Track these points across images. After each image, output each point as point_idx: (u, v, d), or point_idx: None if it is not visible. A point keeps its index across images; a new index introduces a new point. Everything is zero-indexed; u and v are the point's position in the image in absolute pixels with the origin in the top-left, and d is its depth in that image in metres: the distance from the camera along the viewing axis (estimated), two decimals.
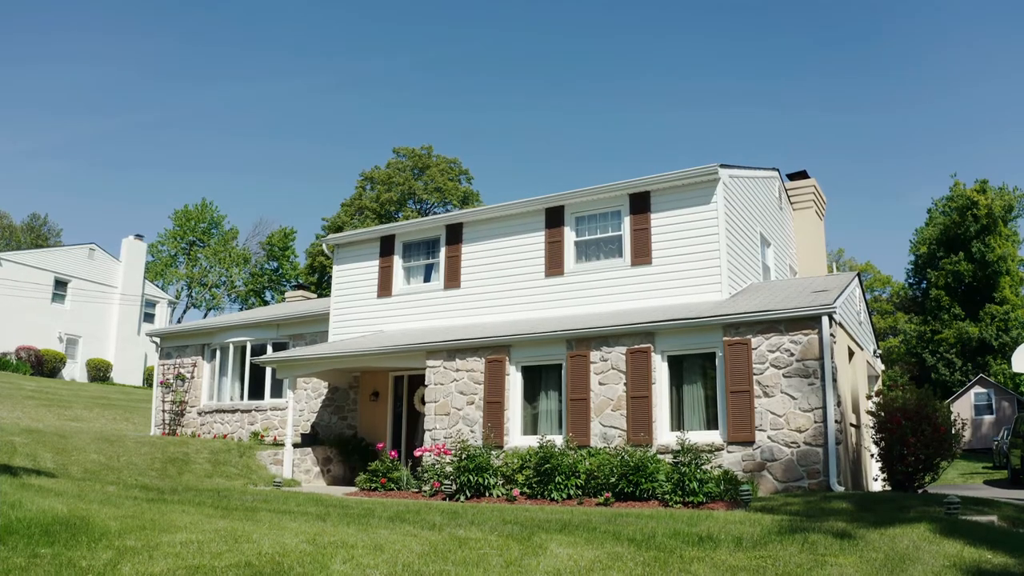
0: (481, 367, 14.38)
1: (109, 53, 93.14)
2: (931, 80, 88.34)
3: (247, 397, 20.64)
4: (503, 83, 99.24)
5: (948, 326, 46.80)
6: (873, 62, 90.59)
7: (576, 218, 16.08)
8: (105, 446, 15.36)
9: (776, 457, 11.64)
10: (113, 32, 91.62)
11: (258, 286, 67.75)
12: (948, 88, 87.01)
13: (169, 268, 64.28)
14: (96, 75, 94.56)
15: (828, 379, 11.46)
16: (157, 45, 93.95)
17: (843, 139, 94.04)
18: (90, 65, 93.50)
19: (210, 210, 66.47)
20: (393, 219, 50.53)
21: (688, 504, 10.68)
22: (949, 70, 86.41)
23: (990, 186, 47.91)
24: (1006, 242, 46.69)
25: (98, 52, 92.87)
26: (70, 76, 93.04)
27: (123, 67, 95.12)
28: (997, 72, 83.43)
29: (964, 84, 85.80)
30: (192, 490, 11.33)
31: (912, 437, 11.95)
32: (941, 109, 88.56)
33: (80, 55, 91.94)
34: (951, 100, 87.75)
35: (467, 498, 12.27)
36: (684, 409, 12.85)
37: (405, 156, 51.87)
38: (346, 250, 19.09)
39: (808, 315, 11.69)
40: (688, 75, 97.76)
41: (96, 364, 40.06)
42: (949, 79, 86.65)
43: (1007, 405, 38.40)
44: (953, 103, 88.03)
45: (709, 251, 14.38)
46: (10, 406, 25.86)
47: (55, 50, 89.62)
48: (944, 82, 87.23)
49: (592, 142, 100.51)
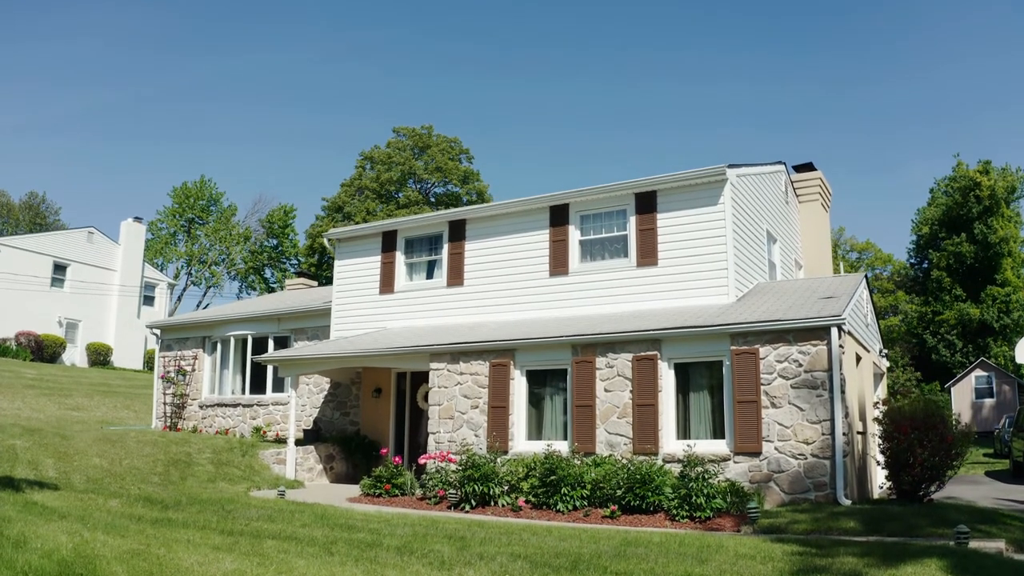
0: (485, 370, 14.28)
1: (105, 25, 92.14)
2: (926, 52, 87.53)
3: (249, 391, 20.57)
4: (504, 61, 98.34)
5: (949, 307, 46.76)
6: (868, 35, 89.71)
7: (581, 216, 15.89)
8: (107, 447, 15.29)
9: (783, 469, 11.57)
10: (110, 3, 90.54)
11: (258, 264, 67.58)
12: (945, 60, 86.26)
13: (168, 246, 64.04)
14: (93, 48, 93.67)
15: (836, 391, 11.36)
16: (153, 17, 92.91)
17: (840, 113, 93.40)
18: (88, 37, 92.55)
19: (209, 187, 66.11)
20: (394, 199, 50.25)
21: (695, 519, 10.62)
22: (945, 42, 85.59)
23: (993, 167, 47.62)
24: (1008, 223, 46.51)
25: (94, 24, 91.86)
26: (67, 50, 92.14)
27: (119, 39, 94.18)
28: (999, 46, 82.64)
29: (963, 56, 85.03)
30: (196, 503, 11.25)
31: (919, 447, 11.87)
32: (936, 82, 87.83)
33: (77, 28, 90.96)
34: (947, 72, 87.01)
35: (472, 507, 12.22)
36: (691, 417, 12.77)
37: (405, 136, 51.44)
38: (347, 245, 18.90)
39: (817, 326, 11.56)
40: (682, 47, 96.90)
41: (96, 348, 39.99)
42: (945, 51, 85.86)
43: (1008, 389, 38.45)
44: (949, 75, 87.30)
45: (716, 253, 14.22)
46: (11, 396, 25.81)
47: (51, 23, 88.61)
48: (940, 54, 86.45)
49: (593, 117, 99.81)
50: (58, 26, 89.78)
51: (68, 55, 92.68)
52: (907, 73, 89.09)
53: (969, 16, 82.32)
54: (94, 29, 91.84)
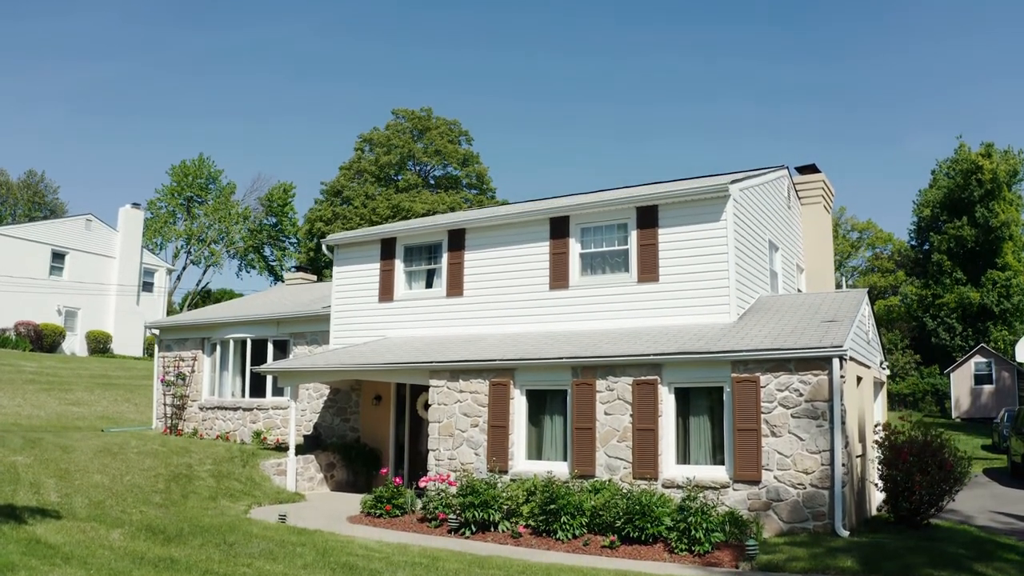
0: (485, 389, 14.26)
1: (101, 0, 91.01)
2: (921, 25, 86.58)
3: (248, 394, 20.59)
4: (499, 31, 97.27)
5: (949, 291, 46.73)
6: (863, 7, 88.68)
7: (582, 229, 15.78)
8: (108, 461, 15.33)
9: (782, 498, 11.60)
10: None
11: (257, 242, 67.41)
12: (942, 33, 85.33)
13: (167, 225, 63.83)
14: (89, 23, 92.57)
15: (837, 422, 11.35)
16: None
17: (840, 87, 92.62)
18: (85, 12, 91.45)
19: (207, 165, 65.77)
20: (393, 183, 49.97)
21: (694, 553, 10.66)
22: (944, 14, 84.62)
23: (995, 149, 47.30)
24: (1010, 207, 46.31)
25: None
26: (62, 26, 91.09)
27: (114, 12, 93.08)
28: (998, 19, 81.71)
29: (961, 30, 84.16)
30: (199, 532, 11.29)
31: (919, 475, 11.92)
32: (936, 55, 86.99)
33: (71, 3, 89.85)
34: (945, 46, 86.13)
35: (472, 532, 12.27)
36: (691, 442, 12.78)
37: (404, 118, 51.03)
38: (346, 251, 18.81)
39: (819, 356, 11.52)
40: (680, 22, 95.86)
41: (96, 336, 39.99)
42: (941, 25, 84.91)
43: (1007, 375, 38.56)
44: (947, 49, 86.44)
45: (718, 271, 14.14)
46: (11, 392, 25.85)
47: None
48: (937, 28, 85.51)
49: (591, 91, 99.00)
50: (53, 1, 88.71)
51: (63, 30, 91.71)
52: (910, 45, 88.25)
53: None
54: (91, 4, 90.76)
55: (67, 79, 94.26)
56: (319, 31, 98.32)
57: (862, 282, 61.28)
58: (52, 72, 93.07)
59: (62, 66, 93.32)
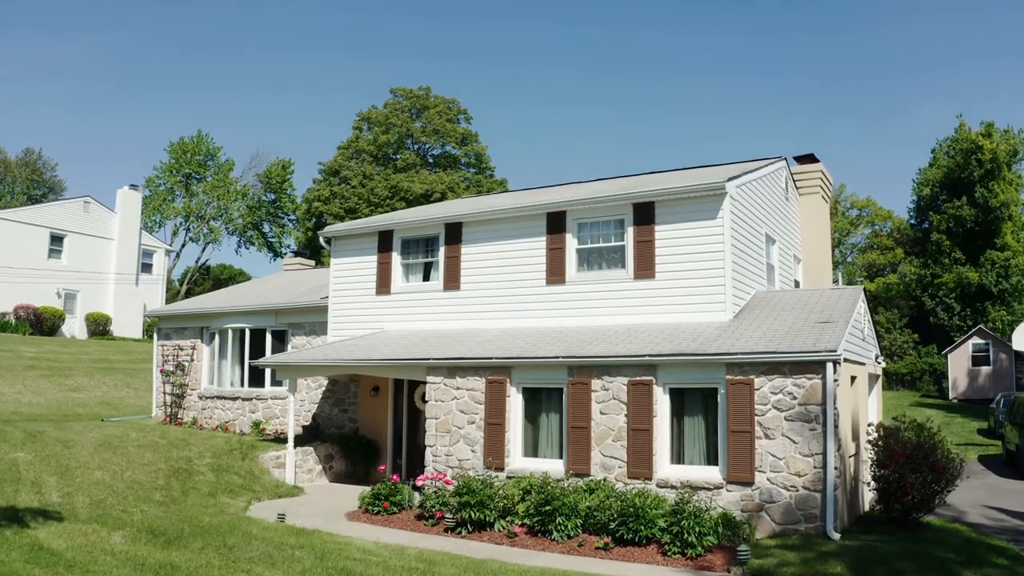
0: (482, 387, 14.36)
1: None
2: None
3: (247, 384, 20.70)
4: (502, 8, 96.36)
5: (948, 270, 46.73)
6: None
7: (579, 224, 15.78)
8: (108, 456, 15.45)
9: (775, 500, 11.73)
10: None
11: (256, 219, 67.27)
12: (944, 6, 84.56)
13: (166, 202, 63.66)
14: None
15: (830, 426, 11.44)
16: None
17: (840, 60, 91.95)
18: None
19: (206, 142, 65.43)
20: (391, 162, 49.78)
21: (686, 556, 10.80)
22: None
23: (996, 128, 47.09)
24: (1009, 187, 46.17)
25: None
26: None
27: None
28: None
29: (964, 3, 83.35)
30: (199, 532, 11.44)
31: (911, 476, 12.04)
32: (938, 31, 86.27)
33: None
34: (951, 17, 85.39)
35: (469, 532, 12.42)
36: (685, 442, 12.89)
37: (403, 97, 50.73)
38: (343, 243, 18.82)
39: (812, 360, 11.59)
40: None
41: (95, 318, 40.09)
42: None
43: (1005, 357, 38.66)
44: (949, 24, 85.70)
45: (714, 269, 14.17)
46: (11, 379, 25.98)
47: None
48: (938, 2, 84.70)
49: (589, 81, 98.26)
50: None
51: (60, 2, 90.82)
52: (911, 16, 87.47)
53: None
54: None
55: (66, 53, 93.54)
56: (324, 4, 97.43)
57: (861, 259, 61.29)
58: (48, 45, 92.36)
59: (58, 40, 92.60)
